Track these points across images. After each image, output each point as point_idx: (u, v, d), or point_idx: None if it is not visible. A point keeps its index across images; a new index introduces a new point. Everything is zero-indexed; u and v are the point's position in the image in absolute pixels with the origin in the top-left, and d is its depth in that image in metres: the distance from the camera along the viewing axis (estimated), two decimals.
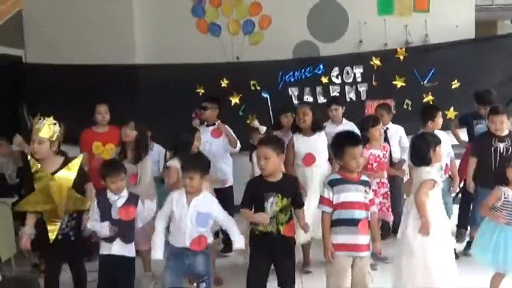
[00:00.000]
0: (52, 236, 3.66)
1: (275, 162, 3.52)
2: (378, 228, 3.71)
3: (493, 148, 4.80)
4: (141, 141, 4.51)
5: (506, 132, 4.83)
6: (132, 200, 3.74)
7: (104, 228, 3.60)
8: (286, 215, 3.54)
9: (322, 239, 3.53)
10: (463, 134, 5.83)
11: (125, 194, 3.75)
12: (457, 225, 5.51)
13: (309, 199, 4.28)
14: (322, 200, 3.51)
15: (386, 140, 5.25)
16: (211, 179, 4.37)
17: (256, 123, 5.16)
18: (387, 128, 5.41)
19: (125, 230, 3.65)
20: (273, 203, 3.49)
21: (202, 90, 6.74)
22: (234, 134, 5.35)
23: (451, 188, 5.22)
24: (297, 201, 3.65)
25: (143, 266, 4.59)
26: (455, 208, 5.57)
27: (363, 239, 3.45)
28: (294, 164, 4.71)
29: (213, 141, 5.20)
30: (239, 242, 3.61)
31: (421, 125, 5.15)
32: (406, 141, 5.34)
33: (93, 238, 3.88)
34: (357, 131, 5.14)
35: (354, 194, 3.45)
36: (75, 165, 3.81)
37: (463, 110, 5.94)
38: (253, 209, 3.56)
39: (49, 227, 3.66)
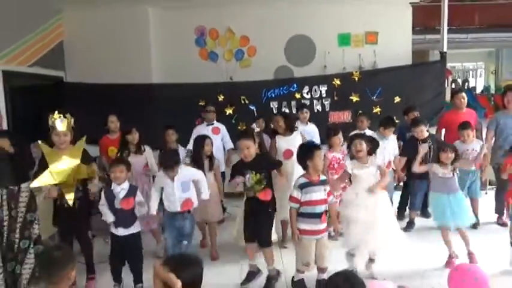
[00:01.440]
0: (70, 201, 3.54)
1: (254, 150, 3.69)
2: (334, 214, 3.73)
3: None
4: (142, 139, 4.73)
5: (426, 135, 4.88)
6: (132, 191, 3.63)
7: (108, 216, 3.59)
8: (260, 185, 3.61)
9: (291, 227, 3.63)
10: None
11: (126, 186, 3.62)
12: (398, 207, 5.52)
13: (289, 186, 4.24)
14: (291, 199, 3.55)
15: None
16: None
17: (255, 125, 5.16)
18: (364, 133, 5.38)
19: (125, 216, 3.57)
20: (250, 178, 3.59)
21: (204, 103, 6.67)
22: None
23: (394, 178, 5.24)
24: (272, 166, 3.79)
25: (155, 239, 4.58)
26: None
27: (323, 225, 3.54)
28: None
29: (213, 137, 5.15)
30: (205, 194, 3.85)
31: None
32: None
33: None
34: (317, 130, 5.17)
35: (317, 193, 3.50)
36: (80, 146, 3.71)
37: (402, 119, 5.96)
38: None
39: (67, 196, 3.55)
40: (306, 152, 3.54)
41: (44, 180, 3.48)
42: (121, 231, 3.57)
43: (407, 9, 7.33)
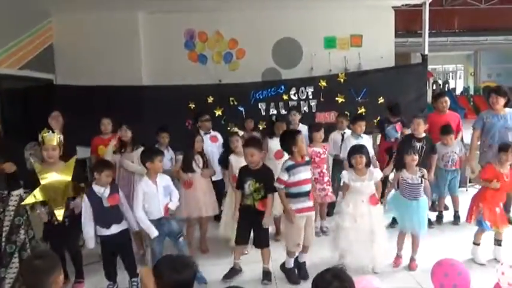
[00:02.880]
0: (60, 217, 3.51)
1: (258, 157, 3.69)
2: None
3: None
4: (135, 138, 4.66)
5: (423, 135, 4.90)
6: (115, 189, 3.59)
7: (88, 230, 3.48)
8: (259, 195, 3.65)
9: (283, 208, 3.66)
10: None
11: (107, 185, 3.57)
12: None
13: None
14: (278, 180, 3.62)
15: (342, 140, 5.25)
16: (208, 172, 4.45)
17: (235, 129, 5.11)
18: (344, 132, 5.41)
19: (115, 213, 3.54)
20: (249, 185, 3.63)
21: (193, 105, 6.64)
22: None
23: None
24: (268, 188, 3.69)
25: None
26: None
27: (310, 203, 3.68)
28: (267, 158, 4.73)
29: (211, 145, 5.19)
30: (173, 204, 3.66)
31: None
32: None
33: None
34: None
35: (303, 173, 3.62)
36: (70, 164, 3.68)
37: (384, 115, 6.00)
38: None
39: (56, 212, 3.53)
40: (289, 138, 3.66)
41: (36, 196, 3.48)
42: (114, 229, 3.51)
43: (390, 13, 7.42)
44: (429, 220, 4.78)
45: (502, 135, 4.87)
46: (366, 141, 5.15)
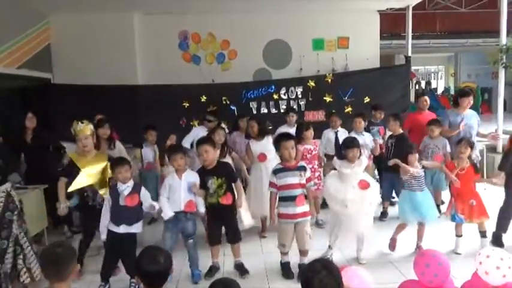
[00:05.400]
0: (105, 195, 3.55)
1: (213, 154, 3.62)
2: (311, 198, 3.65)
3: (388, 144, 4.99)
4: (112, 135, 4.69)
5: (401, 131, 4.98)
6: (136, 188, 3.46)
7: (103, 221, 3.43)
8: (221, 190, 3.58)
9: (269, 210, 3.66)
10: None
11: (130, 184, 3.45)
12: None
13: (264, 185, 4.15)
14: (269, 184, 3.62)
15: (337, 139, 5.28)
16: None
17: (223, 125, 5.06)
18: (338, 131, 5.44)
19: (129, 214, 3.38)
20: (212, 183, 3.57)
21: (187, 104, 6.64)
22: None
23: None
24: (230, 178, 3.67)
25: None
26: None
27: (299, 209, 3.52)
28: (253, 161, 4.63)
29: None
30: (201, 208, 3.61)
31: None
32: None
33: None
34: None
35: (291, 178, 3.52)
36: (103, 151, 3.99)
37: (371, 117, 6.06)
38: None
39: (101, 192, 3.65)
40: (276, 143, 3.65)
41: (80, 182, 3.62)
42: (122, 229, 3.38)
43: (375, 16, 7.48)
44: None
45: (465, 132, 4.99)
46: (368, 138, 5.22)
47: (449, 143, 4.90)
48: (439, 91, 20.23)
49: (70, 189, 3.60)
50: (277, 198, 3.61)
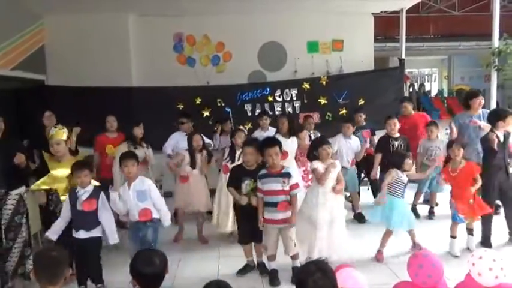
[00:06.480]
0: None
1: (255, 158, 3.64)
2: (295, 206, 3.56)
3: (390, 145, 4.93)
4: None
5: (398, 135, 4.99)
6: (95, 193, 3.37)
7: (59, 221, 3.38)
8: (254, 194, 3.62)
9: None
10: None
11: (89, 188, 3.37)
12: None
13: None
14: (257, 189, 3.60)
15: None
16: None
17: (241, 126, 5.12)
18: (310, 133, 5.47)
19: (87, 219, 3.32)
20: (247, 185, 3.58)
21: (182, 106, 6.61)
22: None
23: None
24: None
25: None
26: None
27: (281, 215, 3.50)
28: None
29: None
30: (164, 216, 3.53)
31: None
32: None
33: None
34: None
35: (273, 184, 3.50)
36: (79, 158, 3.87)
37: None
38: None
39: (63, 198, 3.53)
40: (260, 149, 3.61)
41: (42, 183, 3.56)
42: (82, 234, 3.33)
43: (369, 19, 7.51)
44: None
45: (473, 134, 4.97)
46: (354, 142, 5.23)
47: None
48: (433, 93, 20.39)
49: (32, 187, 3.55)
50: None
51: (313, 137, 5.32)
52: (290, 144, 4.55)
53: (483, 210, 3.96)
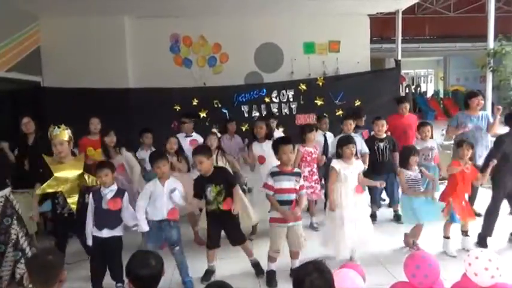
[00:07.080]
0: (73, 206, 3.48)
1: (208, 164, 3.55)
2: (302, 205, 3.60)
3: (375, 147, 4.93)
4: (120, 141, 4.67)
5: (384, 135, 5.00)
6: (120, 193, 3.41)
7: (89, 225, 3.38)
8: (221, 197, 3.52)
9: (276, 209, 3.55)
10: None
11: (114, 188, 3.41)
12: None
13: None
14: (264, 185, 3.55)
15: (325, 141, 5.25)
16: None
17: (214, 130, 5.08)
18: (325, 133, 5.45)
19: (111, 218, 3.35)
20: (211, 191, 3.51)
21: (179, 107, 6.62)
22: None
23: None
24: (229, 183, 3.59)
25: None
26: None
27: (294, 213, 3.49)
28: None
29: (190, 149, 5.07)
30: (176, 197, 3.49)
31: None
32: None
33: None
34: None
35: (286, 182, 3.48)
36: (80, 158, 3.75)
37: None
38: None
39: (69, 200, 3.49)
40: (275, 147, 3.59)
41: (48, 186, 3.46)
42: (105, 233, 3.34)
43: (365, 20, 7.55)
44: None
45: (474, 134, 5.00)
46: (357, 140, 5.22)
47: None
48: (429, 94, 20.47)
49: (38, 192, 3.49)
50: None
51: (328, 137, 5.29)
52: (266, 149, 4.42)
53: (470, 215, 4.06)
